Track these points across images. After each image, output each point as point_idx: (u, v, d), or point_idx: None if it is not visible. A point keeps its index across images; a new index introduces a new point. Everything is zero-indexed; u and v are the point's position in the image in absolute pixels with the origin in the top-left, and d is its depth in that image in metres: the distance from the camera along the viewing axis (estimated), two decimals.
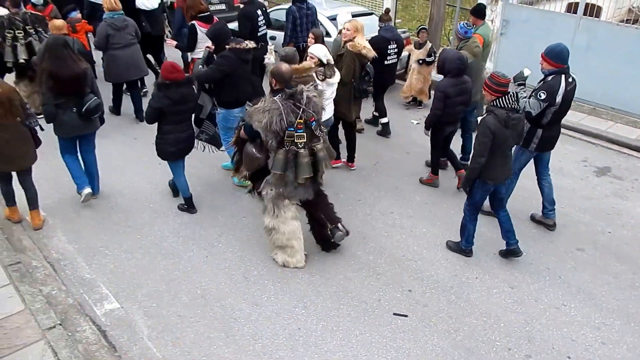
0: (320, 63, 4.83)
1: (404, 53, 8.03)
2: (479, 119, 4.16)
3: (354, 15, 7.79)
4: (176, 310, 4.00)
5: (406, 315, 4.01)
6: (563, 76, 4.40)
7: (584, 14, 8.01)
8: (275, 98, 3.94)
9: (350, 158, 5.97)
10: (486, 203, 4.67)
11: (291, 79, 4.11)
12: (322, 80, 4.81)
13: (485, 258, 4.63)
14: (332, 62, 4.95)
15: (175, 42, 6.65)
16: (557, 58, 4.40)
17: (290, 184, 4.12)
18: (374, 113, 7.00)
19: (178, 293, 4.18)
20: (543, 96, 4.37)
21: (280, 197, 4.19)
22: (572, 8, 9.02)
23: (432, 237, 4.87)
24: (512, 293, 4.27)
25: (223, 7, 10.17)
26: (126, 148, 6.33)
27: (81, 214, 5.09)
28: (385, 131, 6.86)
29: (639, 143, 6.70)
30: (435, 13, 9.21)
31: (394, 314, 4.02)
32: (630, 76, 7.42)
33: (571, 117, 7.30)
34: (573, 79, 4.50)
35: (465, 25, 5.97)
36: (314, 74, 4.77)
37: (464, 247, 4.61)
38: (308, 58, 4.90)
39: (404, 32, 8.52)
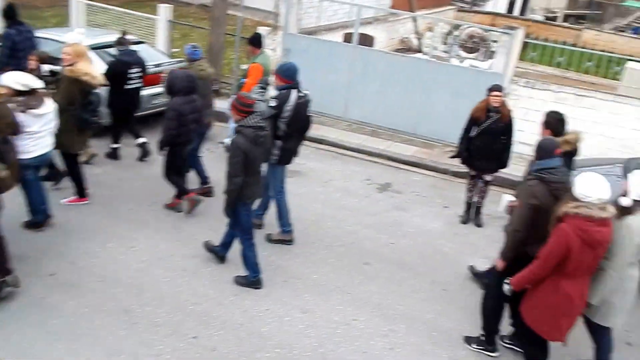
0: (19, 92, 4.67)
1: None
2: (226, 140, 4.59)
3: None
4: None
5: None
6: (294, 91, 5.17)
7: (360, 44, 9.42)
8: None
9: (81, 192, 5.86)
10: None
11: None
12: (23, 112, 4.66)
13: (276, 287, 4.94)
14: (39, 89, 4.83)
15: None
16: (285, 75, 5.21)
17: None
18: (112, 146, 7.08)
19: None
20: (273, 104, 5.12)
21: None
22: (348, 38, 10.51)
23: (218, 275, 5.01)
24: (304, 318, 4.62)
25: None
26: None
27: None
28: (114, 155, 7.08)
29: (414, 159, 8.06)
30: (214, 42, 9.74)
31: None
32: (402, 99, 8.94)
33: (354, 139, 8.46)
34: (305, 94, 5.29)
35: (192, 47, 6.62)
36: (14, 105, 4.60)
37: (252, 278, 4.85)
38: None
39: (180, 62, 8.80)
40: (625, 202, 3.58)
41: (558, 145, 3.96)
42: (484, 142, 6.05)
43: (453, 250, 5.90)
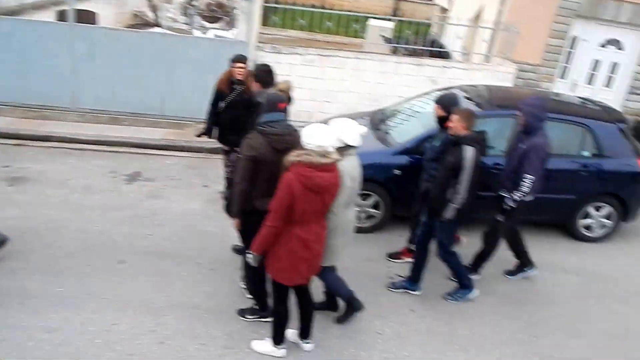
0: None
1: None
2: None
3: None
4: None
5: None
6: None
7: (79, 21, 9.03)
8: None
9: None
10: None
11: None
12: None
13: (10, 312, 4.65)
14: None
15: None
16: None
17: None
18: None
19: None
20: None
21: None
22: (63, 16, 10.00)
23: None
24: (52, 338, 4.45)
25: None
26: None
27: None
28: None
29: (164, 142, 8.20)
30: None
31: None
32: (141, 80, 8.92)
33: (90, 131, 8.23)
34: None
35: None
36: None
37: None
38: None
39: None
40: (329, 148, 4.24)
41: (283, 99, 4.48)
42: (232, 116, 6.38)
43: (217, 228, 6.22)
